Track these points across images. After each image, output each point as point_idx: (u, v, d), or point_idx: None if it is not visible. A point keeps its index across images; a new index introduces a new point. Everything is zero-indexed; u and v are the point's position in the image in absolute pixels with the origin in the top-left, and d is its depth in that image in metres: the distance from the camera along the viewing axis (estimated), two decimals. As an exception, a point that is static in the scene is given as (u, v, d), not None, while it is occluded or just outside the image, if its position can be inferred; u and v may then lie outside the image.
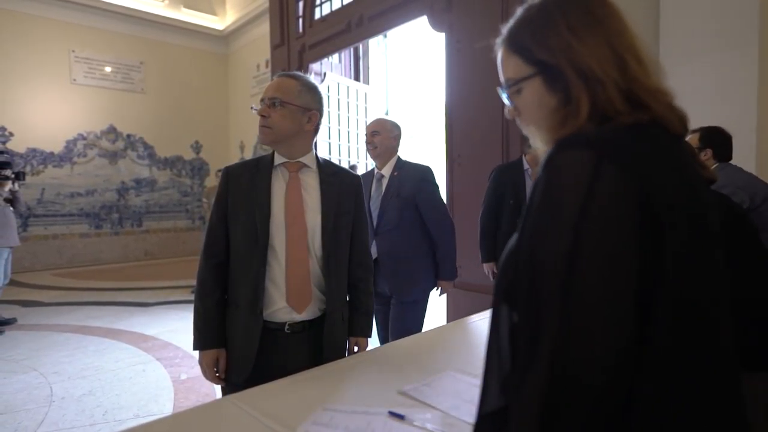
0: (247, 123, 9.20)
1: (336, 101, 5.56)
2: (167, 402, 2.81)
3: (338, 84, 5.59)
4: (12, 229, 4.44)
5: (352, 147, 5.81)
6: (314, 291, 1.37)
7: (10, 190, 4.50)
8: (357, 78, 6.04)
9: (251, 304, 1.33)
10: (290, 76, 1.38)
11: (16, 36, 7.67)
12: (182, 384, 3.07)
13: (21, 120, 7.76)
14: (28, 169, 7.75)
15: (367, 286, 1.52)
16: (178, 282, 6.64)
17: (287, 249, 1.34)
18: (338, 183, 1.43)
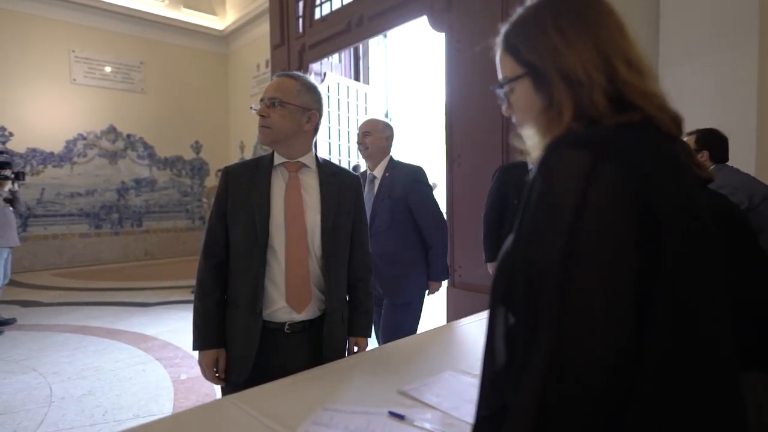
0: (247, 123, 9.19)
1: (336, 101, 5.56)
2: (167, 402, 2.80)
3: (338, 84, 5.59)
4: (12, 229, 4.44)
5: (353, 147, 5.80)
6: (314, 291, 1.37)
7: (10, 190, 4.50)
8: (357, 78, 6.04)
9: (251, 304, 1.33)
10: (289, 76, 1.38)
11: (16, 36, 7.67)
12: (182, 384, 3.07)
13: (21, 120, 7.76)
14: (28, 169, 7.75)
15: (367, 286, 1.52)
16: (178, 282, 6.63)
17: (287, 249, 1.34)
18: (338, 183, 1.43)
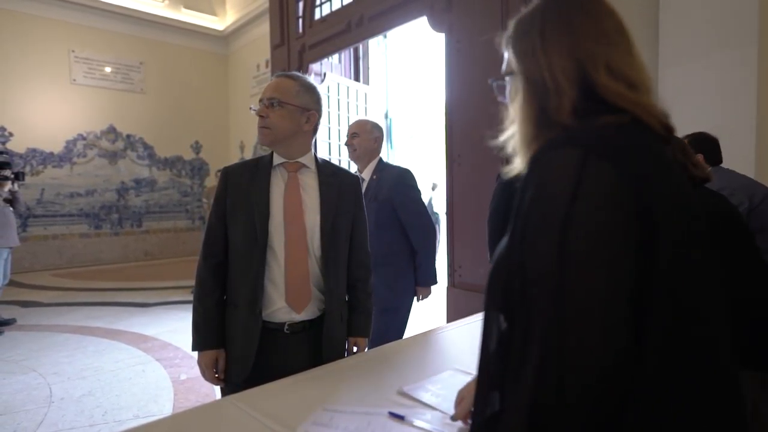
0: (247, 123, 9.19)
1: (336, 101, 5.56)
2: (167, 402, 2.80)
3: (338, 84, 5.58)
4: (12, 230, 4.44)
5: (352, 147, 5.78)
6: (313, 291, 1.37)
7: (10, 191, 4.50)
8: (357, 78, 6.03)
9: (250, 304, 1.33)
10: (288, 77, 1.38)
11: (16, 36, 7.67)
12: (182, 384, 3.06)
13: (21, 120, 7.76)
14: (28, 170, 7.75)
15: (366, 286, 1.52)
16: (178, 282, 6.63)
17: (286, 249, 1.34)
18: (337, 183, 1.43)
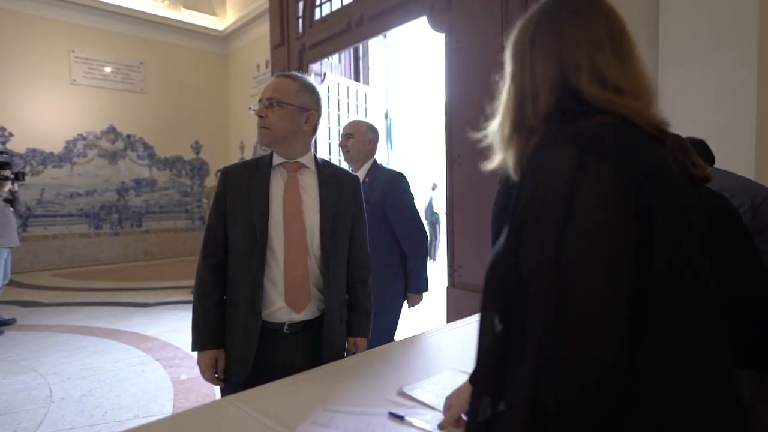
0: (247, 123, 9.19)
1: (336, 102, 5.55)
2: (167, 402, 2.80)
3: (338, 84, 5.58)
4: (12, 230, 4.44)
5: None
6: (313, 291, 1.37)
7: (10, 191, 4.50)
8: (357, 78, 6.03)
9: (250, 304, 1.33)
10: (288, 77, 1.38)
11: (16, 36, 7.67)
12: (182, 384, 3.06)
13: (21, 120, 7.76)
14: (28, 170, 7.75)
15: (366, 287, 1.52)
16: (178, 282, 6.63)
17: (286, 249, 1.34)
18: (337, 183, 1.43)
